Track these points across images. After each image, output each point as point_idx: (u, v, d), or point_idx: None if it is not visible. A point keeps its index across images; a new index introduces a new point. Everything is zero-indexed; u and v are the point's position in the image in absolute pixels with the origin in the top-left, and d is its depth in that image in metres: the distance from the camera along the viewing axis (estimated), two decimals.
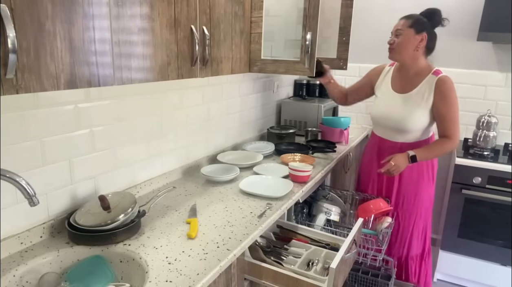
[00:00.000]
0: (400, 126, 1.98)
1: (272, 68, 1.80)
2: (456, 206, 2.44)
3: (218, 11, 1.43)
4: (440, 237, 2.62)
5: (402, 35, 1.88)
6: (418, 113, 1.93)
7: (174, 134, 1.80)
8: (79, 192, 1.37)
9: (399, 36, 1.89)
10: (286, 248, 1.56)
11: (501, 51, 2.63)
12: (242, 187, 1.71)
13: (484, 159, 2.39)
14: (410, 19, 1.88)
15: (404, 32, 1.88)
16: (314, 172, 1.98)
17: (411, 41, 1.88)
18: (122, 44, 1.03)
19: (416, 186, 2.08)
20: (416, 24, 1.87)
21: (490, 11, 2.33)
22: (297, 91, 3.12)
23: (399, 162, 1.90)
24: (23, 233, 1.19)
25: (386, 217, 2.00)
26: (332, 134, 2.61)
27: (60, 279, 1.14)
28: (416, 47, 1.90)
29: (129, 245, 1.23)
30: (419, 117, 1.94)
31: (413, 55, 1.92)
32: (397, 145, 2.05)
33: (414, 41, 1.88)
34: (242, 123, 2.40)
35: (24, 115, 1.15)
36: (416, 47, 1.90)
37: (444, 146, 1.92)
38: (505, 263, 2.39)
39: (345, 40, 2.39)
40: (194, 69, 1.34)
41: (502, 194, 2.31)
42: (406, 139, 2.02)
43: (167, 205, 1.56)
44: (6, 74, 0.76)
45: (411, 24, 1.87)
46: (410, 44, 1.89)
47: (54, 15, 0.84)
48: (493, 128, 2.49)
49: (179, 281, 1.05)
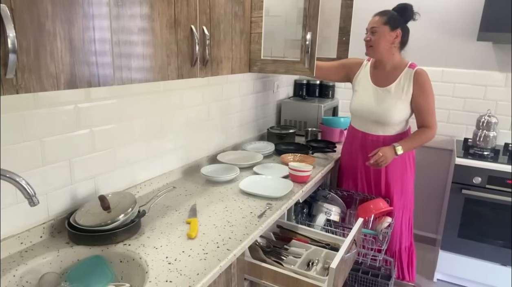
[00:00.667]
0: (383, 119, 2.03)
1: (272, 68, 1.80)
2: (456, 206, 2.44)
3: (218, 11, 1.43)
4: (440, 237, 2.62)
5: (377, 33, 1.93)
6: (400, 106, 1.99)
7: (174, 134, 1.80)
8: (79, 192, 1.37)
9: (375, 33, 1.94)
10: (286, 248, 1.56)
11: (501, 51, 2.63)
12: (242, 187, 1.71)
13: (484, 159, 2.39)
14: (384, 15, 1.93)
15: (379, 30, 1.93)
16: (314, 172, 1.98)
17: (386, 37, 1.94)
18: (122, 44, 1.03)
19: (401, 179, 2.14)
20: (390, 21, 1.92)
21: (490, 11, 2.33)
22: (297, 91, 3.12)
23: (387, 153, 1.94)
24: (23, 233, 1.19)
25: (386, 217, 2.00)
26: (332, 134, 2.61)
27: (60, 279, 1.14)
28: (391, 43, 1.96)
29: (129, 245, 1.23)
30: (400, 110, 2.00)
31: (389, 51, 1.98)
32: (380, 139, 2.09)
33: (390, 38, 1.94)
34: (242, 123, 2.40)
35: (24, 115, 1.15)
36: (392, 43, 1.96)
37: (425, 136, 2.00)
38: (505, 263, 2.39)
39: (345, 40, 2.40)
40: (194, 69, 1.34)
41: (502, 194, 2.31)
42: (387, 132, 2.07)
43: (167, 205, 1.56)
44: (6, 74, 0.76)
45: (386, 21, 1.91)
46: (386, 41, 1.95)
47: (54, 15, 0.84)
48: (493, 128, 2.49)
49: (179, 281, 1.05)
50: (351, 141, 2.22)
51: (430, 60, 2.83)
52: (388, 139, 2.06)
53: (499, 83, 2.67)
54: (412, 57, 1.92)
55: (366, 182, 2.21)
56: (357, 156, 2.19)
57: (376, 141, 2.09)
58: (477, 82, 2.73)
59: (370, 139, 2.11)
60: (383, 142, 2.07)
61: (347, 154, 2.26)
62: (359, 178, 2.22)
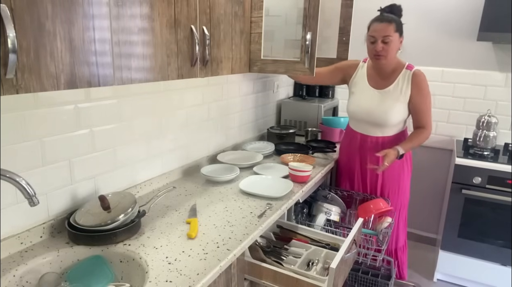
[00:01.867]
0: (382, 121, 2.03)
1: (272, 68, 1.80)
2: (456, 206, 2.44)
3: (218, 11, 1.43)
4: (440, 237, 2.62)
5: (392, 41, 1.89)
6: (398, 107, 1.99)
7: (174, 134, 1.80)
8: (79, 192, 1.37)
9: (388, 42, 1.88)
10: (286, 248, 1.56)
11: (501, 51, 2.63)
12: (242, 187, 1.71)
13: (484, 159, 2.39)
14: (392, 22, 1.88)
15: (393, 38, 1.88)
16: (314, 172, 1.98)
17: (397, 44, 1.93)
18: (122, 44, 1.03)
19: (398, 179, 2.15)
20: (399, 27, 1.90)
21: (490, 11, 2.33)
22: (297, 91, 3.12)
23: (391, 159, 1.94)
24: (23, 233, 1.19)
25: (386, 217, 2.00)
26: (332, 134, 2.61)
27: (60, 279, 1.14)
28: (398, 48, 1.96)
29: (129, 245, 1.23)
30: (398, 111, 2.00)
31: (396, 56, 1.98)
32: (379, 140, 2.09)
33: (399, 44, 1.94)
34: (242, 123, 2.40)
35: (24, 115, 1.15)
36: (399, 48, 1.96)
37: (422, 136, 2.02)
38: (505, 263, 2.39)
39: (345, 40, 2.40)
40: (194, 69, 1.34)
41: (502, 194, 2.31)
42: (386, 133, 2.08)
43: (167, 205, 1.56)
44: (6, 74, 0.76)
45: (396, 28, 1.89)
46: (396, 48, 1.94)
47: (54, 15, 0.84)
48: (493, 128, 2.49)
49: (179, 281, 1.05)
50: (349, 142, 2.22)
51: (430, 60, 2.83)
52: (387, 140, 2.07)
53: (499, 83, 2.67)
54: (412, 57, 1.92)
55: (362, 182, 2.22)
56: (355, 157, 2.19)
57: (375, 142, 2.09)
58: (477, 82, 2.73)
59: (369, 141, 2.11)
60: (382, 143, 2.07)
61: (345, 155, 2.26)
62: (355, 178, 2.22)
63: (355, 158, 2.19)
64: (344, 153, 2.28)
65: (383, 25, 1.88)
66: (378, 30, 1.89)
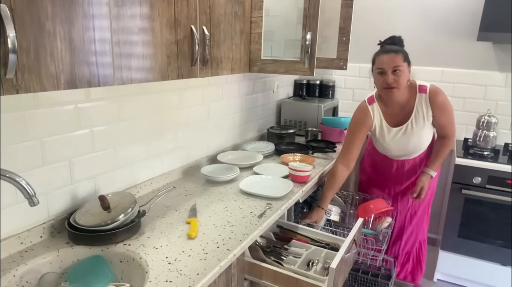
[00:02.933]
0: (415, 152, 2.06)
1: (272, 68, 1.80)
2: (456, 206, 2.44)
3: (218, 11, 1.43)
4: (440, 237, 2.62)
5: (402, 72, 1.81)
6: (425, 132, 1.97)
7: (174, 134, 1.80)
8: (79, 192, 1.37)
9: (398, 73, 1.80)
10: (286, 248, 1.56)
11: (501, 51, 2.63)
12: (242, 187, 1.71)
13: (484, 159, 2.39)
14: (400, 52, 1.81)
15: (403, 68, 1.80)
16: (314, 172, 1.98)
17: (407, 74, 1.85)
18: (122, 44, 1.03)
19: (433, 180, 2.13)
20: (407, 57, 1.84)
21: (490, 11, 2.33)
22: (297, 91, 3.12)
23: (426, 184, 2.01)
24: (23, 233, 1.19)
25: (386, 217, 2.00)
26: (332, 134, 2.61)
27: (60, 279, 1.14)
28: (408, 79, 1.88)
29: (129, 245, 1.23)
30: (427, 134, 2.00)
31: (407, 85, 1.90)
32: (416, 161, 2.10)
33: (408, 74, 1.86)
34: (242, 123, 2.40)
35: (24, 115, 1.15)
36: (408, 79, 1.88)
37: (448, 148, 2.02)
38: (505, 263, 2.39)
39: (345, 40, 2.40)
40: (194, 69, 1.34)
41: (502, 194, 2.31)
42: (420, 153, 2.09)
43: (167, 205, 1.56)
44: (6, 74, 0.76)
45: (405, 58, 1.82)
46: (407, 77, 1.86)
47: (54, 15, 0.84)
48: (493, 128, 2.49)
49: (179, 281, 1.05)
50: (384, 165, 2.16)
51: (430, 60, 2.83)
52: (423, 155, 2.09)
53: (499, 83, 2.67)
54: (412, 57, 1.90)
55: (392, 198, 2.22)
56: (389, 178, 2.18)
57: (413, 163, 2.11)
58: (477, 82, 2.73)
59: (406, 163, 2.11)
60: (420, 162, 2.10)
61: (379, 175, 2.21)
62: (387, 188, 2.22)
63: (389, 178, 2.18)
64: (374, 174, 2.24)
65: (390, 56, 1.80)
66: (386, 62, 1.81)
